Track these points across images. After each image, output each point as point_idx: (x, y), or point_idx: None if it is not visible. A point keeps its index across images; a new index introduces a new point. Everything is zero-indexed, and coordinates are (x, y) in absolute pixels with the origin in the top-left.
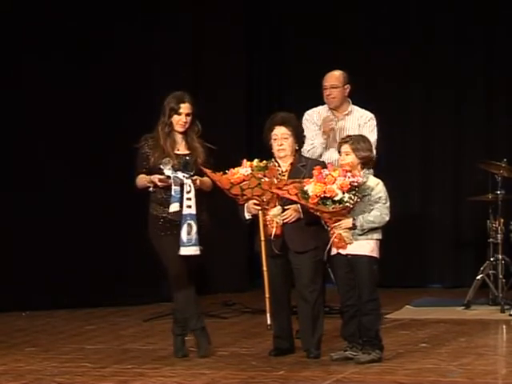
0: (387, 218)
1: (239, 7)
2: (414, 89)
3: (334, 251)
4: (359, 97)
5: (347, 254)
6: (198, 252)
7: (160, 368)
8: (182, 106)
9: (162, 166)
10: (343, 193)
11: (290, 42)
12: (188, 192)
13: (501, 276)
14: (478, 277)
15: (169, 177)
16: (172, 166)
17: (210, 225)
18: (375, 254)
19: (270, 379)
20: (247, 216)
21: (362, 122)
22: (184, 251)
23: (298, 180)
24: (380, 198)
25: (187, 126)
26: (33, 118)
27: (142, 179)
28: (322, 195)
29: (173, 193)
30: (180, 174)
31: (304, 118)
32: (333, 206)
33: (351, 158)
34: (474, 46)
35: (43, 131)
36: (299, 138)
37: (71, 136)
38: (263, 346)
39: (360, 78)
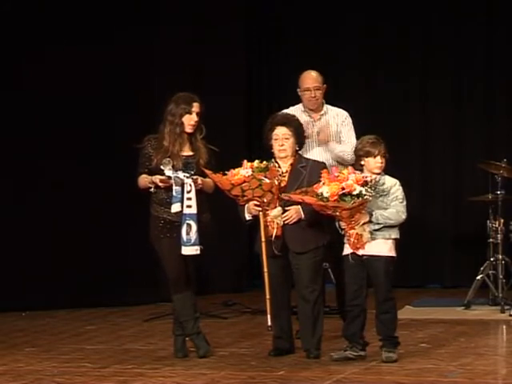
0: (404, 217)
1: (240, 7)
2: (413, 89)
3: (347, 251)
4: (359, 96)
5: (363, 255)
6: (198, 252)
7: (160, 368)
8: (194, 104)
9: (162, 167)
10: (361, 186)
11: (290, 41)
12: (188, 192)
13: (501, 276)
14: (478, 277)
15: (170, 177)
16: (172, 166)
17: (211, 226)
18: (393, 253)
19: (269, 379)
20: (248, 217)
21: (338, 121)
22: (184, 251)
23: (304, 189)
24: (397, 197)
25: (196, 125)
26: (33, 117)
27: (144, 179)
28: (341, 192)
29: (174, 193)
30: (181, 174)
31: None
32: (352, 201)
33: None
34: (474, 46)
35: (43, 130)
36: (300, 138)
37: (71, 135)
38: (263, 346)
39: (360, 77)
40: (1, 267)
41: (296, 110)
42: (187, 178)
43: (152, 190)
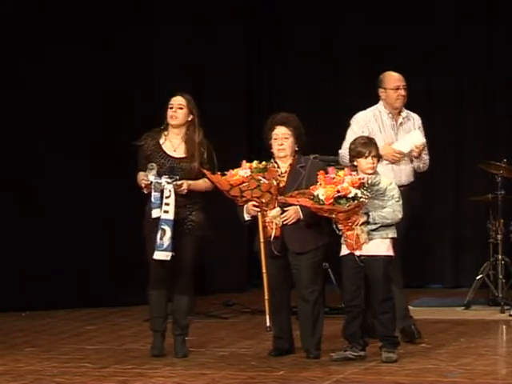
0: (400, 216)
1: (240, 7)
2: (414, 89)
3: (344, 251)
4: (360, 97)
5: (361, 255)
6: (168, 258)
7: (160, 368)
8: (172, 99)
9: (146, 172)
10: (357, 189)
11: (290, 42)
12: (167, 197)
13: (501, 276)
14: (478, 277)
15: (151, 182)
16: (157, 172)
17: (204, 225)
18: (391, 252)
19: (269, 379)
20: (246, 217)
21: (416, 125)
22: (156, 256)
23: (302, 191)
24: (393, 196)
25: (179, 118)
26: (33, 116)
27: (139, 178)
28: (336, 195)
29: (152, 199)
30: (163, 179)
31: (355, 120)
32: (347, 204)
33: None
34: (474, 46)
35: (43, 130)
36: (299, 138)
37: (71, 135)
38: (263, 346)
39: (360, 77)
40: (1, 267)
41: (375, 111)
42: (168, 183)
43: (145, 190)
